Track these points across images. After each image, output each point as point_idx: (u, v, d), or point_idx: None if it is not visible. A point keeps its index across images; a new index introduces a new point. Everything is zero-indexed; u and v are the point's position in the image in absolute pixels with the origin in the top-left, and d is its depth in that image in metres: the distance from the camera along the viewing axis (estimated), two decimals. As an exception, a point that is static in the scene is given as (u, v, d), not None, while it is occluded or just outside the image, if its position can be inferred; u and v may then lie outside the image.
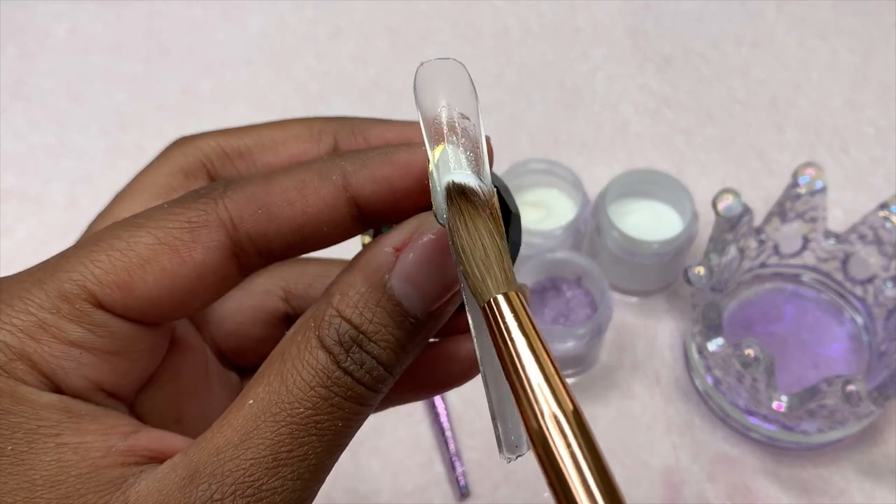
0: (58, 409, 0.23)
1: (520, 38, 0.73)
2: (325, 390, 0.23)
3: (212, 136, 0.29)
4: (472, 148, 0.23)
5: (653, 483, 0.52)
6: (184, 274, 0.24)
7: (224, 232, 0.24)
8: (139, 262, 0.24)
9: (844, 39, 0.72)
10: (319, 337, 0.23)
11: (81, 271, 0.24)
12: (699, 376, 0.54)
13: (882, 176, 0.65)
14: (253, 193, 0.25)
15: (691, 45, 0.72)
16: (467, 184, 0.23)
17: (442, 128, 0.23)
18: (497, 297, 0.22)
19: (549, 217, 0.59)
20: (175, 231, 0.24)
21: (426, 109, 0.24)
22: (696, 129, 0.67)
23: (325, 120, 0.30)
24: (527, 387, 0.20)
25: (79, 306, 0.23)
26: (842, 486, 0.52)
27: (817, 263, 0.57)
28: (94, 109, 0.69)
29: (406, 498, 0.52)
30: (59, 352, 0.23)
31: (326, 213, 0.25)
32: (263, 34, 0.73)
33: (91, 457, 0.23)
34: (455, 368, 0.29)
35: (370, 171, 0.25)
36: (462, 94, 0.24)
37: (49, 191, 0.65)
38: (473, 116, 0.24)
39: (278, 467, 0.23)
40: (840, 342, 0.56)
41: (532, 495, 0.52)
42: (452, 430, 0.54)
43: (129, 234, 0.24)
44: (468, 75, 0.24)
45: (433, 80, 0.24)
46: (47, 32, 0.73)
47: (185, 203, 0.25)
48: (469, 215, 0.23)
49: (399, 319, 0.24)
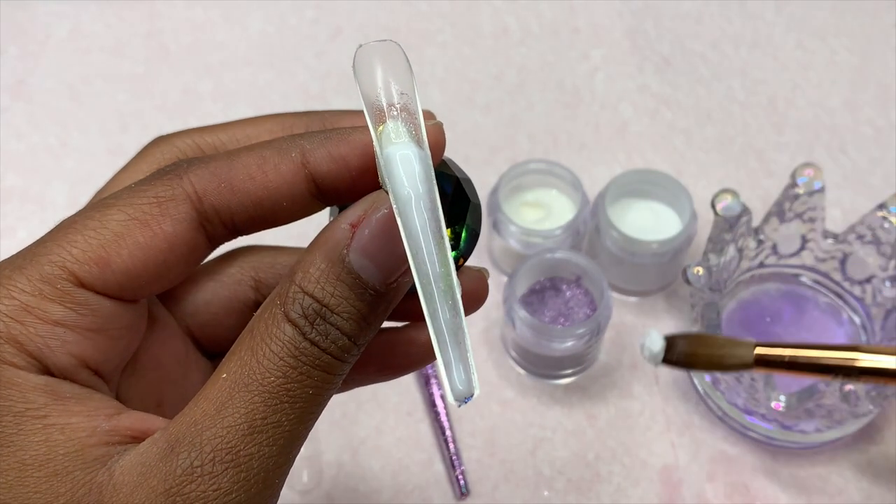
0: (44, 391, 0.24)
1: (520, 38, 0.73)
2: (293, 360, 0.24)
3: (188, 134, 0.31)
4: (412, 121, 0.24)
5: (651, 482, 0.52)
6: (156, 246, 0.26)
7: (190, 204, 0.26)
8: (113, 238, 0.25)
9: (843, 40, 0.73)
10: (285, 312, 0.25)
11: (59, 253, 0.25)
12: (698, 376, 0.55)
13: (880, 176, 0.65)
14: (216, 168, 0.26)
15: (690, 46, 0.72)
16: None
17: (381, 105, 0.24)
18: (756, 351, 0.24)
19: (548, 217, 0.59)
20: (144, 206, 0.26)
21: (366, 88, 0.25)
22: (695, 129, 0.68)
23: (297, 115, 0.32)
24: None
25: (60, 286, 0.25)
26: (840, 485, 0.52)
27: (816, 263, 0.57)
28: (95, 109, 0.69)
29: (406, 497, 0.52)
30: (44, 332, 0.24)
31: (286, 189, 0.26)
32: (263, 34, 0.73)
33: (77, 436, 0.24)
34: (415, 352, 0.31)
35: (327, 149, 0.26)
36: (399, 72, 0.25)
37: (50, 191, 0.65)
38: (410, 92, 0.25)
39: (254, 433, 0.24)
40: (839, 341, 0.56)
41: (532, 495, 0.52)
42: (452, 429, 0.54)
43: (101, 213, 0.25)
44: (404, 54, 0.25)
45: (371, 60, 0.25)
46: (48, 32, 0.73)
47: (152, 181, 0.26)
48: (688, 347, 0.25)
49: (359, 292, 0.25)
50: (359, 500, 0.52)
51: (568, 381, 0.56)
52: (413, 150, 0.24)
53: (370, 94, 0.24)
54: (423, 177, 0.24)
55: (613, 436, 0.54)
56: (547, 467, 0.53)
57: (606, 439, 0.54)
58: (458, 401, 0.23)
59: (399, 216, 0.23)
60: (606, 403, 0.55)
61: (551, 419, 0.55)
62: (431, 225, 0.23)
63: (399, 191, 0.23)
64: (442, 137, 0.26)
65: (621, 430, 0.54)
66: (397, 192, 0.23)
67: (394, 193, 0.23)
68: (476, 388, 0.23)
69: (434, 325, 0.23)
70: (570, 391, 0.56)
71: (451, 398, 0.23)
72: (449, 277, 0.23)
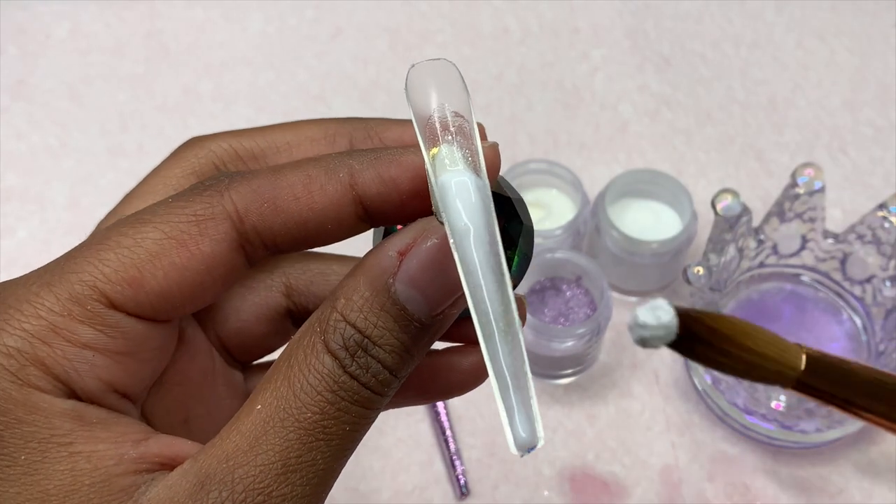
0: (70, 416, 0.23)
1: (520, 38, 0.73)
2: (331, 395, 0.23)
3: (224, 138, 0.29)
4: (468, 146, 0.23)
5: (651, 482, 0.52)
6: (193, 267, 0.24)
7: (230, 224, 0.24)
8: (148, 258, 0.24)
9: (843, 40, 0.72)
10: (325, 341, 0.23)
11: (91, 271, 0.23)
12: (698, 375, 0.55)
13: (881, 176, 0.65)
14: (259, 187, 0.25)
15: (691, 46, 0.72)
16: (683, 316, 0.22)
17: (435, 128, 0.23)
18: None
19: (548, 217, 0.59)
20: (182, 224, 0.24)
21: (419, 110, 0.23)
22: (695, 129, 0.68)
23: (340, 121, 0.30)
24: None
25: (90, 307, 0.23)
26: (840, 484, 0.52)
27: (816, 263, 0.57)
28: (95, 109, 0.69)
29: (406, 497, 0.52)
30: (72, 355, 0.23)
31: (331, 211, 0.25)
32: (263, 34, 0.73)
33: (104, 465, 0.23)
34: (456, 379, 0.29)
35: (377, 170, 0.25)
36: (454, 93, 0.24)
37: (50, 191, 0.65)
38: (466, 114, 0.24)
39: (288, 473, 0.23)
40: (838, 342, 0.56)
41: (532, 494, 0.52)
42: (452, 429, 0.54)
43: (135, 230, 0.24)
44: (459, 74, 0.24)
45: (424, 80, 0.24)
46: (48, 33, 0.73)
47: (190, 196, 0.25)
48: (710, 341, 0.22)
49: (404, 323, 0.24)
50: (359, 500, 0.52)
51: (568, 381, 0.56)
52: (470, 178, 0.22)
53: (423, 116, 0.23)
54: (482, 207, 0.22)
55: (613, 436, 0.54)
56: (547, 467, 0.53)
57: (606, 439, 0.54)
58: (520, 451, 0.21)
59: (456, 250, 0.22)
60: (606, 403, 0.55)
61: (551, 419, 0.55)
62: (491, 260, 0.22)
63: (456, 223, 0.22)
64: (497, 160, 0.25)
65: (621, 430, 0.54)
66: (454, 225, 0.22)
67: (450, 225, 0.22)
68: (541, 439, 0.21)
69: (494, 367, 0.21)
70: (570, 391, 0.56)
71: (514, 448, 0.21)
72: (510, 315, 0.22)
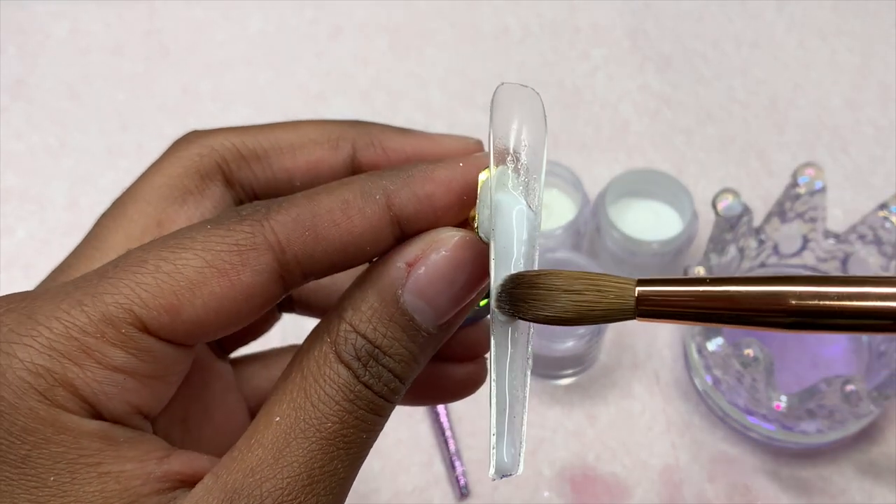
0: (98, 437, 0.23)
1: (520, 38, 0.73)
2: (349, 404, 0.24)
3: (225, 135, 0.29)
4: (529, 177, 0.25)
5: (652, 482, 0.52)
6: (231, 297, 0.24)
7: (272, 255, 0.24)
8: (188, 286, 0.23)
9: (844, 39, 0.72)
10: (337, 352, 0.24)
11: (127, 294, 0.23)
12: (699, 376, 0.54)
13: (881, 176, 0.65)
14: (299, 215, 0.25)
15: (691, 45, 0.72)
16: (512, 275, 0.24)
17: (506, 150, 0.24)
18: (636, 289, 0.23)
19: (549, 217, 0.59)
20: (223, 254, 0.24)
21: (498, 128, 0.24)
22: (695, 128, 0.68)
23: (341, 125, 0.30)
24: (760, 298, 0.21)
25: (125, 331, 0.23)
26: (841, 485, 0.52)
27: (817, 263, 0.57)
28: (94, 109, 0.69)
29: (406, 498, 0.52)
30: (102, 377, 0.23)
31: (370, 233, 0.25)
32: (263, 34, 0.73)
33: (132, 486, 0.23)
34: (451, 387, 0.31)
35: (413, 189, 0.25)
36: (535, 125, 0.25)
37: (49, 191, 0.65)
38: (540, 151, 0.25)
39: (313, 484, 0.23)
40: (839, 342, 0.56)
41: (532, 495, 0.52)
42: (452, 430, 0.54)
43: (176, 255, 0.24)
44: (543, 107, 0.25)
45: (511, 101, 0.25)
46: (47, 32, 0.73)
47: (230, 225, 0.24)
48: (530, 289, 0.24)
49: (412, 333, 0.24)
50: (359, 500, 0.52)
51: (568, 382, 0.56)
52: (525, 208, 0.24)
53: (500, 135, 0.24)
54: (528, 241, 0.24)
55: (614, 436, 0.54)
56: (547, 467, 0.53)
57: (607, 439, 0.54)
58: (497, 474, 0.23)
59: (494, 269, 0.24)
60: (607, 404, 0.55)
61: (552, 419, 0.55)
62: None
63: (503, 244, 0.24)
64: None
65: (622, 431, 0.54)
66: (501, 244, 0.24)
67: (496, 243, 0.24)
68: (520, 469, 0.23)
69: (498, 388, 0.22)
70: (571, 391, 0.56)
71: (492, 470, 0.23)
72: (525, 347, 0.23)
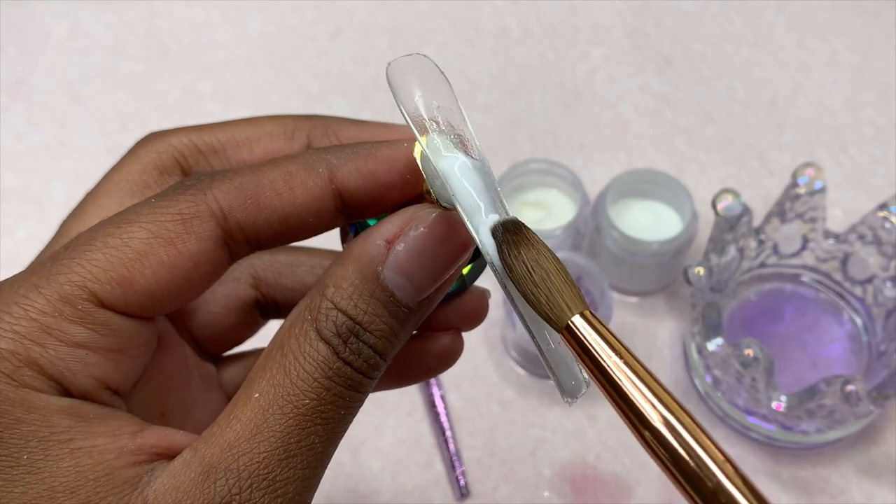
0: (68, 413, 0.23)
1: (520, 38, 0.73)
2: (327, 381, 0.24)
3: (184, 132, 0.30)
4: (456, 132, 0.25)
5: (652, 482, 0.52)
6: (180, 264, 0.25)
7: (215, 222, 0.25)
8: (136, 257, 0.24)
9: (844, 39, 0.72)
10: (318, 329, 0.24)
11: (79, 272, 0.24)
12: (699, 376, 0.54)
13: (882, 176, 0.65)
14: (241, 184, 0.25)
15: (691, 46, 0.72)
16: (511, 219, 0.24)
17: (423, 119, 0.24)
18: (574, 319, 0.23)
19: (548, 217, 0.59)
20: (168, 223, 0.25)
21: (406, 104, 0.25)
22: (696, 129, 0.68)
23: (298, 118, 0.31)
24: (636, 399, 0.24)
25: (81, 307, 0.24)
26: (841, 485, 0.52)
27: (817, 263, 0.57)
28: (94, 109, 0.69)
29: (406, 498, 0.52)
30: (65, 354, 0.24)
31: (313, 205, 0.26)
32: (263, 34, 0.73)
33: (105, 459, 0.23)
34: (430, 362, 0.31)
35: (355, 164, 0.26)
36: (436, 85, 0.25)
37: (49, 191, 0.65)
38: (451, 103, 0.25)
39: (289, 458, 0.23)
40: (839, 342, 0.56)
41: (532, 495, 0.52)
42: (452, 430, 0.54)
43: (122, 230, 0.24)
44: (436, 66, 0.25)
45: (405, 76, 0.25)
46: (47, 32, 0.73)
47: (174, 196, 0.25)
48: (520, 247, 0.24)
49: (392, 309, 0.25)
50: (359, 500, 0.52)
51: (568, 382, 0.56)
52: (468, 160, 0.24)
53: (410, 109, 0.25)
54: (484, 185, 0.24)
55: (614, 436, 0.54)
56: (547, 468, 0.53)
57: (607, 440, 0.54)
58: (570, 398, 0.26)
59: (470, 225, 0.24)
60: (607, 404, 0.55)
61: (551, 419, 0.55)
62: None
63: (466, 201, 0.24)
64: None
65: (622, 431, 0.54)
66: (465, 203, 0.24)
67: (461, 204, 0.24)
68: (584, 385, 0.26)
69: (536, 331, 0.25)
70: (571, 391, 0.56)
71: (566, 399, 0.26)
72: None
